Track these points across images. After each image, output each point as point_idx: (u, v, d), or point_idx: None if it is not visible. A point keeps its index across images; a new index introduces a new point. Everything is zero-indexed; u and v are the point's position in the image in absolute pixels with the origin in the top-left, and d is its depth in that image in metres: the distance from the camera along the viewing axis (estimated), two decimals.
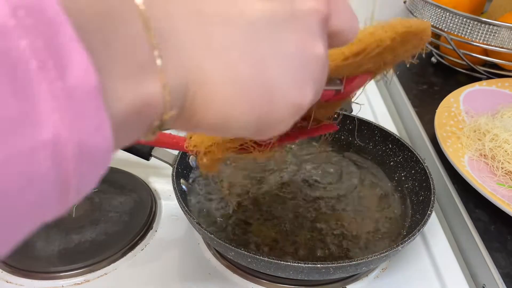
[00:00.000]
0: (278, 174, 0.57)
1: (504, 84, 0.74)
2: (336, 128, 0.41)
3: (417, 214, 0.50)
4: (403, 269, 0.50)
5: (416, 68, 0.90)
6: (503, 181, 0.55)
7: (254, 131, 0.22)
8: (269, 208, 0.52)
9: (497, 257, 0.49)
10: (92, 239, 0.50)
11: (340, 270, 0.43)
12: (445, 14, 0.76)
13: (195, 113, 0.20)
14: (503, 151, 0.57)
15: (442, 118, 0.66)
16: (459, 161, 0.57)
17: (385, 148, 0.60)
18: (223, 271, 0.49)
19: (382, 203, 0.53)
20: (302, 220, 0.50)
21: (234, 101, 0.20)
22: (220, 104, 0.20)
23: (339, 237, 0.48)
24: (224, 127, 0.21)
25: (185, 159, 0.55)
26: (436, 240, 0.54)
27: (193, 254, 0.50)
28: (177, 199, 0.47)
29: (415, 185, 0.54)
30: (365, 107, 0.81)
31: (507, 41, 0.72)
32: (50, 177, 0.14)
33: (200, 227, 0.44)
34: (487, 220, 0.54)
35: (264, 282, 0.47)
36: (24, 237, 0.17)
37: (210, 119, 0.20)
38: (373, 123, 0.62)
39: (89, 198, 0.55)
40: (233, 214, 0.51)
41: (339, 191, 0.55)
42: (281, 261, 0.41)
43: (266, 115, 0.21)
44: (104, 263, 0.48)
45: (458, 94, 0.71)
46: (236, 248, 0.42)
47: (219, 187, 0.55)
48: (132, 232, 0.51)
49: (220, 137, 0.39)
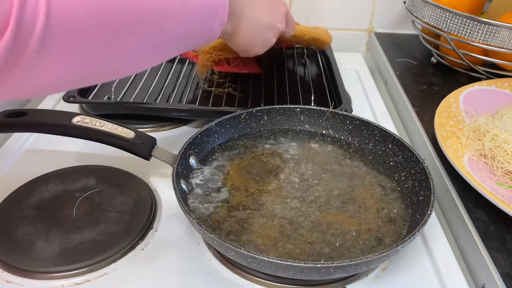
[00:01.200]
0: (278, 174, 0.57)
1: (504, 84, 0.75)
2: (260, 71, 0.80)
3: (417, 214, 0.50)
4: (403, 269, 0.50)
5: (416, 68, 0.90)
6: (503, 181, 0.55)
7: (247, 52, 0.63)
8: (269, 208, 0.52)
9: (497, 257, 0.49)
10: (92, 239, 0.50)
11: (340, 270, 0.43)
12: (445, 14, 0.76)
13: (234, 37, 0.58)
14: (502, 151, 0.57)
15: (442, 118, 0.66)
16: (459, 161, 0.57)
17: (385, 148, 0.60)
18: (223, 271, 0.49)
19: (382, 203, 0.53)
20: (302, 220, 0.50)
21: (249, 40, 0.60)
22: (244, 38, 0.59)
23: (339, 237, 0.48)
24: (245, 48, 0.62)
25: (185, 159, 0.55)
26: (436, 240, 0.54)
27: (193, 254, 0.50)
28: (177, 199, 0.47)
29: (415, 185, 0.54)
30: (365, 107, 0.81)
31: (506, 41, 0.72)
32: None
33: (200, 227, 0.44)
34: (487, 220, 0.54)
35: (264, 282, 0.47)
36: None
37: (239, 42, 0.60)
38: (373, 123, 0.62)
39: (89, 198, 0.55)
40: (234, 214, 0.51)
41: (339, 191, 0.55)
42: (281, 261, 0.41)
43: (256, 48, 0.63)
44: (104, 263, 0.48)
45: (458, 94, 0.72)
46: (236, 248, 0.42)
47: (219, 187, 0.55)
48: (132, 232, 0.51)
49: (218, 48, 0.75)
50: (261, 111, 0.65)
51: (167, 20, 0.40)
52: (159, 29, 0.39)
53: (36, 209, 0.53)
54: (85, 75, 0.37)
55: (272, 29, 0.61)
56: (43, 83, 0.34)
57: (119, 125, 0.55)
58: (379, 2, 1.02)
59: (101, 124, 0.54)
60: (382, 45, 0.99)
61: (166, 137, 0.69)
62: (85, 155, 0.65)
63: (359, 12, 1.04)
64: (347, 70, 0.92)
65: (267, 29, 0.61)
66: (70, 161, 0.62)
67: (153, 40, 0.40)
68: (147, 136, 0.55)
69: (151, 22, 0.38)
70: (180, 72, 0.84)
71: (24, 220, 0.51)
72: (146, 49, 0.40)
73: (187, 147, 0.56)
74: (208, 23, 0.46)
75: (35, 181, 0.57)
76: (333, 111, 0.64)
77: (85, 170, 0.60)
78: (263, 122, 0.65)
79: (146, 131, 0.68)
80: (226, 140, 0.63)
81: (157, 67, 0.84)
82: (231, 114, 0.63)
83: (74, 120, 0.54)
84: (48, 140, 0.65)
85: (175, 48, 0.46)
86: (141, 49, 0.39)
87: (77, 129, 0.53)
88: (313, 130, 0.66)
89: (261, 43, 0.62)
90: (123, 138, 0.54)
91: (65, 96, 0.68)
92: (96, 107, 0.71)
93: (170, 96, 0.76)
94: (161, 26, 0.39)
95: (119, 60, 0.38)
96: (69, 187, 0.56)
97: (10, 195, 0.55)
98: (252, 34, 0.59)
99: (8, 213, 0.52)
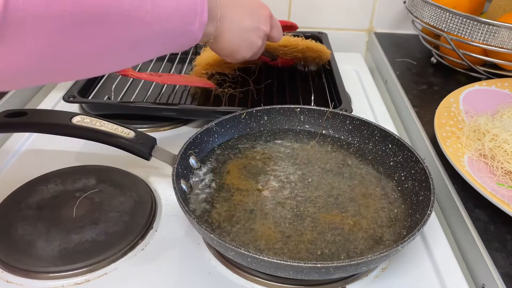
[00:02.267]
0: (278, 174, 0.57)
1: (504, 84, 0.75)
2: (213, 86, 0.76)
3: (417, 214, 0.50)
4: (403, 269, 0.50)
5: (416, 68, 0.90)
6: (502, 181, 0.55)
7: (234, 56, 0.61)
8: (269, 207, 0.52)
9: (496, 257, 0.49)
10: (92, 239, 0.50)
11: (340, 270, 0.43)
12: (444, 14, 0.76)
13: (218, 42, 0.57)
14: (502, 151, 0.57)
15: (442, 118, 0.66)
16: (459, 161, 0.57)
17: (385, 148, 0.60)
18: (223, 271, 0.49)
19: (382, 203, 0.53)
20: (302, 220, 0.50)
21: (233, 43, 0.58)
22: (228, 41, 0.57)
23: (338, 237, 0.48)
24: (230, 53, 0.60)
25: (185, 159, 0.55)
26: (436, 240, 0.54)
27: (193, 254, 0.50)
28: (177, 199, 0.47)
29: (415, 185, 0.54)
30: (365, 107, 0.81)
31: (506, 41, 0.72)
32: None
33: (200, 227, 0.44)
34: (487, 220, 0.54)
35: (264, 282, 0.47)
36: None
37: (223, 46, 0.58)
38: (373, 123, 0.62)
39: (89, 198, 0.55)
40: (234, 214, 0.51)
41: (339, 191, 0.55)
42: (281, 261, 0.41)
43: (242, 52, 0.61)
44: (104, 263, 0.48)
45: (458, 94, 0.72)
46: (236, 248, 0.42)
47: (219, 187, 0.55)
48: (132, 232, 0.51)
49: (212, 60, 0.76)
50: (261, 111, 0.65)
51: (137, 15, 0.38)
52: (129, 24, 0.38)
53: (36, 209, 0.53)
54: (48, 67, 0.36)
55: (256, 31, 0.60)
56: (2, 69, 0.33)
57: (119, 125, 0.55)
58: (379, 2, 1.02)
59: (101, 124, 0.54)
60: (382, 45, 0.99)
61: (166, 137, 0.69)
62: (85, 155, 0.65)
63: (359, 12, 1.04)
64: (347, 70, 0.92)
65: (251, 31, 0.60)
66: (70, 161, 0.63)
67: (124, 35, 0.39)
68: (147, 136, 0.55)
69: (119, 14, 0.37)
70: (180, 72, 0.84)
71: (24, 220, 0.51)
72: (115, 45, 0.39)
73: (187, 147, 0.56)
74: (186, 25, 0.46)
75: (35, 181, 0.57)
76: (333, 111, 0.64)
77: (85, 170, 0.60)
78: (263, 122, 0.65)
79: (146, 131, 0.69)
80: (226, 140, 0.63)
81: (157, 67, 0.84)
82: (231, 114, 0.63)
83: (74, 120, 0.54)
84: (48, 140, 0.65)
85: (151, 48, 0.45)
86: (109, 44, 0.38)
87: (77, 129, 0.53)
88: (313, 130, 0.66)
89: (246, 46, 0.60)
90: (123, 138, 0.54)
91: (65, 96, 0.68)
92: (96, 107, 0.71)
93: (170, 96, 0.76)
94: (132, 21, 0.38)
95: (87, 53, 0.37)
96: (69, 187, 0.56)
97: (10, 195, 0.55)
98: (236, 36, 0.58)
99: (8, 213, 0.52)
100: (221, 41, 0.57)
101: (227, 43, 0.57)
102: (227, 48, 0.59)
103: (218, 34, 0.55)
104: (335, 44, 0.93)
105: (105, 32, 0.37)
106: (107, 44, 0.38)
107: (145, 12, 0.39)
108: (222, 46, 0.58)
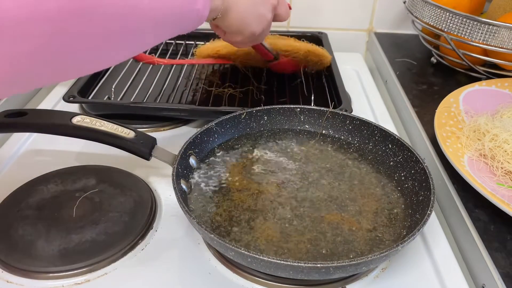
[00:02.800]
0: (278, 174, 0.57)
1: (504, 84, 0.75)
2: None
3: (417, 214, 0.50)
4: (403, 269, 0.50)
5: (416, 68, 0.90)
6: (502, 181, 0.55)
7: (243, 31, 0.58)
8: (269, 207, 0.52)
9: (496, 257, 0.49)
10: (92, 239, 0.50)
11: (340, 270, 0.43)
12: (444, 14, 0.76)
13: (227, 17, 0.54)
14: (502, 151, 0.57)
15: (442, 118, 0.66)
16: (459, 161, 0.57)
17: (385, 148, 0.60)
18: (223, 271, 0.49)
19: (382, 203, 0.53)
20: (302, 220, 0.50)
21: (242, 16, 0.56)
22: (237, 14, 0.55)
23: (338, 237, 0.48)
24: (239, 27, 0.57)
25: (185, 159, 0.55)
26: (436, 240, 0.54)
27: (193, 254, 0.50)
28: (177, 199, 0.47)
29: (415, 185, 0.54)
30: (365, 107, 0.81)
31: (506, 41, 0.72)
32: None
33: (200, 227, 0.44)
34: (487, 220, 0.54)
35: (264, 282, 0.47)
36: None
37: (232, 21, 0.55)
38: (373, 123, 0.62)
39: (89, 198, 0.55)
40: (234, 214, 0.51)
41: (339, 191, 0.55)
42: (281, 261, 0.41)
43: (252, 27, 0.58)
44: (104, 263, 0.48)
45: (458, 94, 0.72)
46: (236, 248, 0.42)
47: (219, 187, 0.55)
48: (132, 232, 0.51)
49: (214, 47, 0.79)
50: (261, 111, 0.65)
51: (135, 2, 0.38)
52: (128, 12, 0.38)
53: (36, 209, 0.53)
54: (48, 67, 0.35)
55: (265, 4, 0.59)
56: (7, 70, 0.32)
57: (119, 125, 0.55)
58: (379, 2, 1.02)
59: (101, 124, 0.54)
60: (382, 45, 0.99)
61: (166, 137, 0.69)
62: (85, 155, 0.65)
63: (359, 12, 1.04)
64: (347, 70, 0.92)
65: (259, 3, 0.58)
66: (70, 161, 0.63)
67: (123, 24, 0.38)
68: (147, 136, 0.55)
69: (115, 6, 0.36)
70: (180, 72, 0.84)
71: (24, 220, 0.51)
72: (118, 35, 0.38)
73: (187, 147, 0.56)
74: (190, 4, 0.45)
75: (35, 181, 0.57)
76: (333, 111, 0.64)
77: (85, 170, 0.60)
78: (263, 122, 0.65)
79: (146, 131, 0.69)
80: (226, 140, 0.63)
81: (157, 67, 0.84)
82: (231, 114, 0.63)
83: (74, 120, 0.54)
84: (48, 140, 0.65)
85: (157, 32, 0.44)
86: (113, 35, 0.37)
87: (77, 129, 0.53)
88: (313, 130, 0.66)
89: (256, 19, 0.58)
90: (123, 138, 0.54)
91: (65, 96, 0.68)
92: (96, 107, 0.71)
93: (170, 96, 0.76)
94: (131, 10, 0.38)
95: (88, 49, 0.37)
96: (69, 187, 0.56)
97: (10, 195, 0.55)
98: (244, 9, 0.56)
99: (8, 213, 0.52)
100: (230, 16, 0.55)
101: (235, 17, 0.55)
102: (236, 22, 0.56)
103: (226, 8, 0.54)
104: (335, 44, 0.93)
105: (102, 24, 0.36)
106: (110, 36, 0.37)
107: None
108: (231, 22, 0.56)
